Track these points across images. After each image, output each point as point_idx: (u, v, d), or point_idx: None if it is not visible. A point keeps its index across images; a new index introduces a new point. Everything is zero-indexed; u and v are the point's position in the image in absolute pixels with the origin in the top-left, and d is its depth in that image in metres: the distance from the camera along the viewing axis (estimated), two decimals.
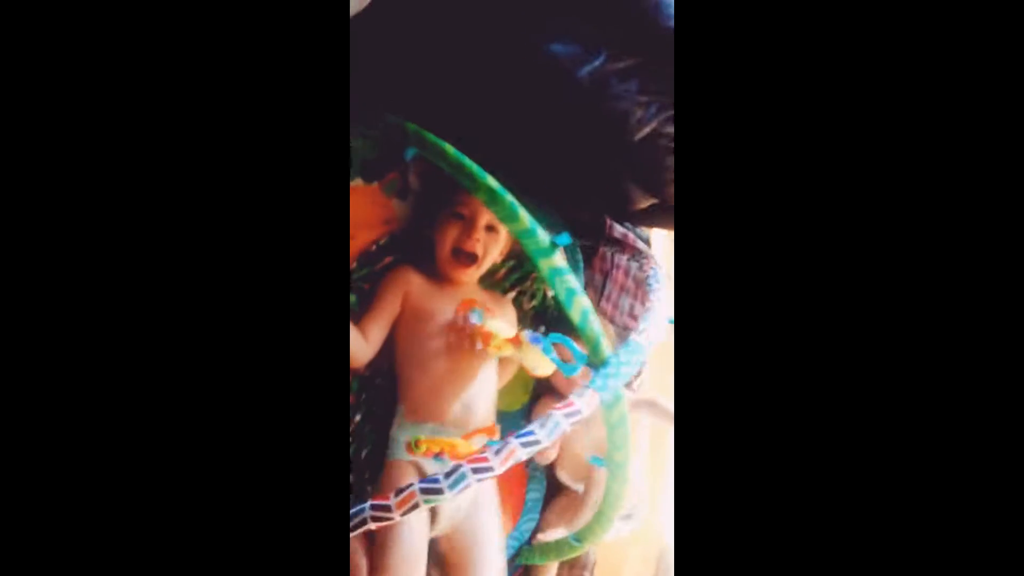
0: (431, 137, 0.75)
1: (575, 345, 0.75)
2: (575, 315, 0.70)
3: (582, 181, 1.05)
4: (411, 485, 0.59)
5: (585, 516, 1.03)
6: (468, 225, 0.94)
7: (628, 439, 0.75)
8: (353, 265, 0.96)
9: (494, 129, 0.91)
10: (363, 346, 0.90)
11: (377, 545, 0.77)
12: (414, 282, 0.96)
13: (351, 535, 0.58)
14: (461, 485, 0.59)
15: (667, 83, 0.81)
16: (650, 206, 1.10)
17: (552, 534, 1.05)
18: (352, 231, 0.96)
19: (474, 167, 0.72)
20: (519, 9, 0.83)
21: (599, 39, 0.81)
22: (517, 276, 1.12)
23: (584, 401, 0.65)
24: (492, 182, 0.71)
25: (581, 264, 1.25)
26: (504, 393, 1.05)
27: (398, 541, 0.77)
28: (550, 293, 1.15)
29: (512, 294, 1.12)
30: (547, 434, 0.62)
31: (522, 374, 1.10)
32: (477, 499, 0.90)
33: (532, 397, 1.15)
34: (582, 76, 0.82)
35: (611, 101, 0.85)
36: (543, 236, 0.70)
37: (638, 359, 0.71)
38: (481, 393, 0.94)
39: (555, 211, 1.03)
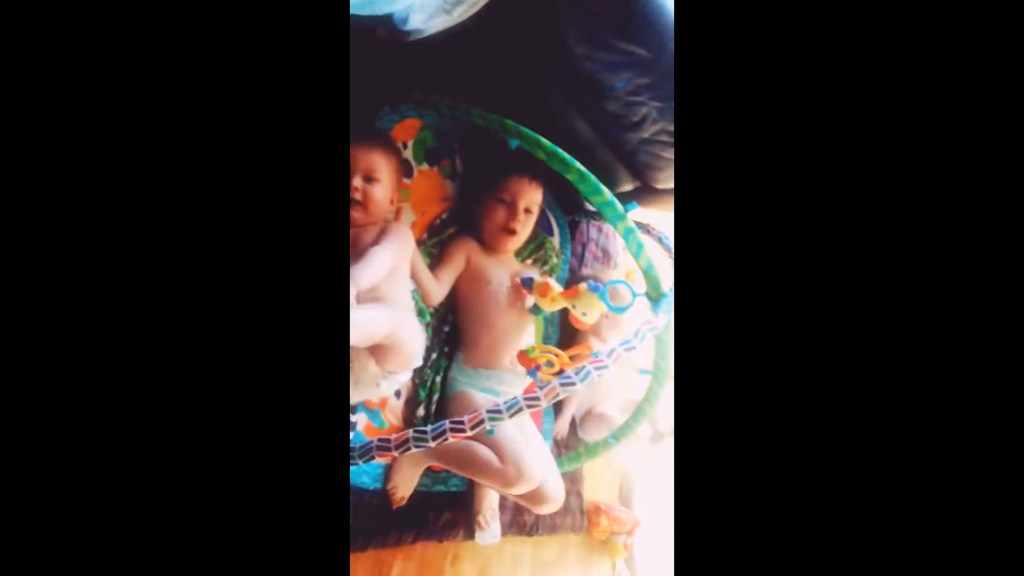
0: (527, 131, 0.97)
1: (633, 287, 1.03)
2: (643, 262, 0.97)
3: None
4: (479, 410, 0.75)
5: None
6: (511, 208, 1.18)
7: (671, 353, 1.04)
8: (424, 235, 1.15)
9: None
10: (437, 287, 1.12)
11: (498, 442, 1.00)
12: (474, 248, 1.18)
13: (448, 441, 0.75)
14: (515, 409, 0.77)
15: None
16: (634, 188, 1.41)
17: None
18: (422, 207, 1.15)
19: (566, 155, 0.95)
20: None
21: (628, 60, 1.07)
22: (534, 246, 1.36)
23: (611, 359, 0.84)
24: (580, 166, 0.95)
25: (569, 237, 1.54)
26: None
27: (513, 436, 1.01)
28: (555, 260, 1.42)
29: (529, 263, 1.36)
30: (580, 379, 0.80)
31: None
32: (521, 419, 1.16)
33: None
34: (616, 88, 1.09)
35: (626, 104, 1.14)
36: (619, 206, 0.96)
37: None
38: (516, 340, 1.18)
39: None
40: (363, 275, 0.82)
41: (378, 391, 0.91)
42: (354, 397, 0.91)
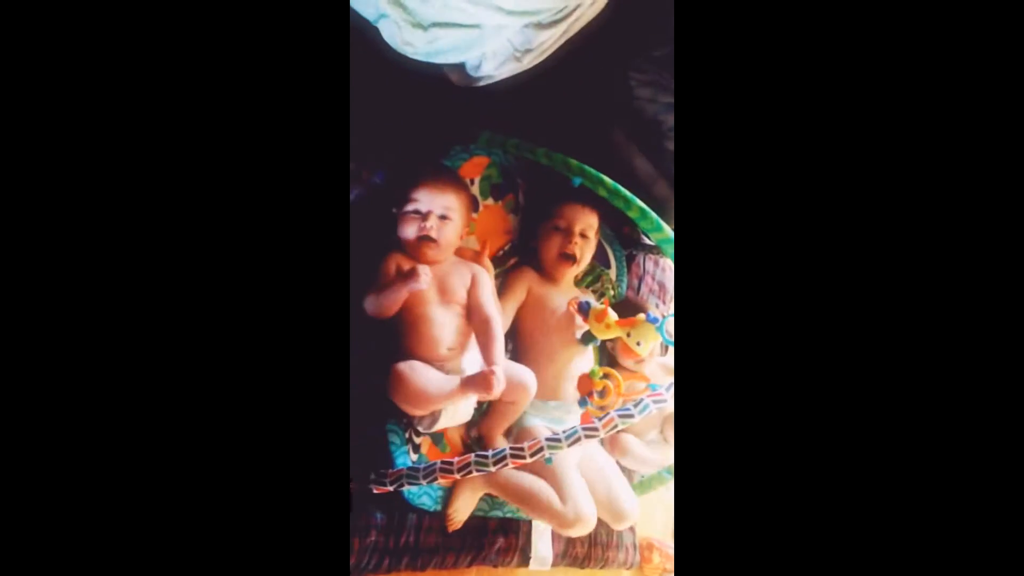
0: (590, 170, 1.01)
1: None
2: None
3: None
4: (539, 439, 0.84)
5: None
6: (566, 233, 1.22)
7: None
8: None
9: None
10: (502, 316, 1.15)
11: (560, 479, 1.03)
12: (534, 279, 1.22)
13: (511, 470, 0.83)
14: (573, 438, 0.83)
15: None
16: None
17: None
18: (486, 239, 1.20)
19: (627, 193, 0.99)
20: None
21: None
22: (591, 278, 1.39)
23: (668, 393, 0.89)
24: (641, 203, 0.99)
25: (626, 269, 1.56)
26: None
27: (574, 476, 1.04)
28: (612, 292, 1.44)
29: (588, 292, 1.39)
30: (639, 412, 0.86)
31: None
32: None
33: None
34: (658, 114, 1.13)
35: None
36: None
37: None
38: (576, 369, 1.21)
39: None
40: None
41: (461, 417, 0.97)
42: (442, 424, 0.97)
